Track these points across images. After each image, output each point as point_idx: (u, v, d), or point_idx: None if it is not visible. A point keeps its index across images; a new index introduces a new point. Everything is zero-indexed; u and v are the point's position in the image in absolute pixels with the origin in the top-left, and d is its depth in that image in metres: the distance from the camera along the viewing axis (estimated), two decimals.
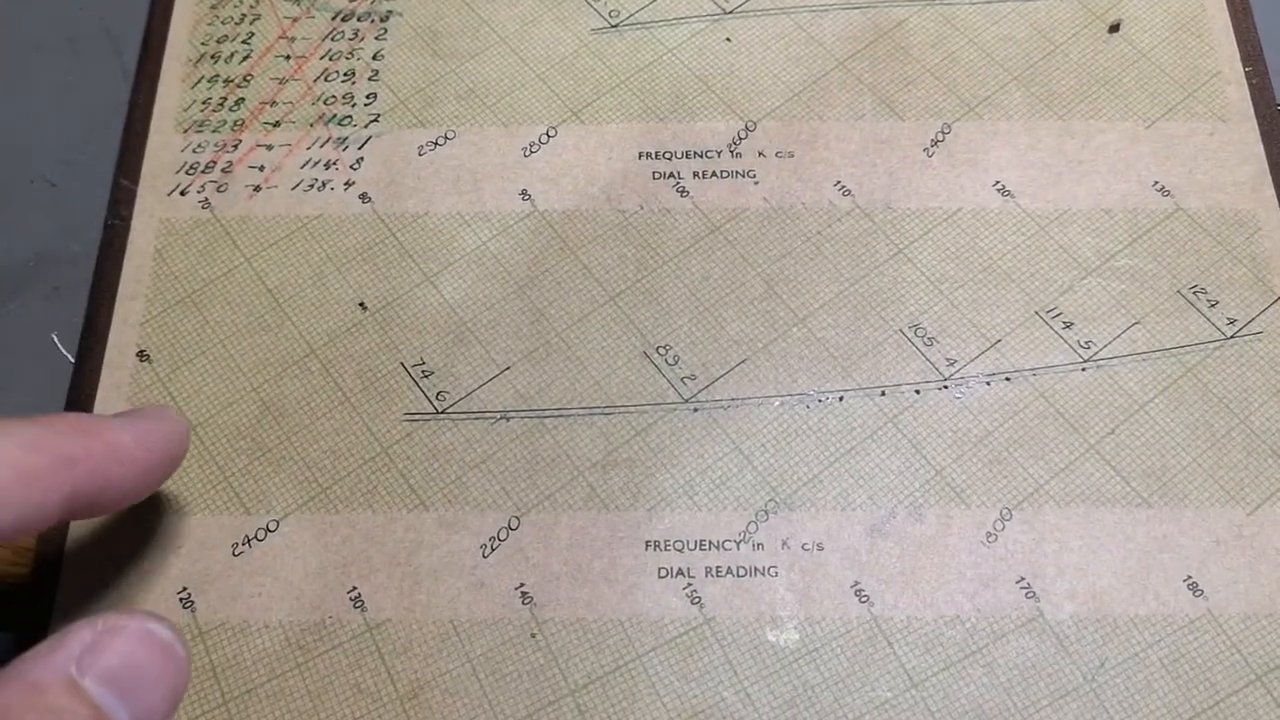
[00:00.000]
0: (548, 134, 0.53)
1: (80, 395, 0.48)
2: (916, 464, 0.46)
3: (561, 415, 0.47)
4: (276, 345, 0.49)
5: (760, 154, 0.52)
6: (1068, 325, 0.48)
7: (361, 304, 0.49)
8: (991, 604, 0.43)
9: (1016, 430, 0.46)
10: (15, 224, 0.53)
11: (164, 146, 0.53)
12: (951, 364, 0.47)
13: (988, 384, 0.47)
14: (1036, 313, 0.48)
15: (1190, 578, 0.43)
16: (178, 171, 0.52)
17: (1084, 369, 0.47)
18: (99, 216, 0.52)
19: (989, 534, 0.44)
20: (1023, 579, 0.44)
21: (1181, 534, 0.44)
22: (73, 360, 0.49)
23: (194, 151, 0.53)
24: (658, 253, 0.50)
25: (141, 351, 0.49)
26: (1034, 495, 0.45)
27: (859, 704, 0.42)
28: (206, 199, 0.52)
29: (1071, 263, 0.49)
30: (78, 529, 0.45)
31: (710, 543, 0.45)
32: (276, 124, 0.53)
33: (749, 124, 0.52)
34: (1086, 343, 0.47)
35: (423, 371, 0.48)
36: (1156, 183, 0.50)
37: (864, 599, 0.44)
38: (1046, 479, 0.45)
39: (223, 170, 0.52)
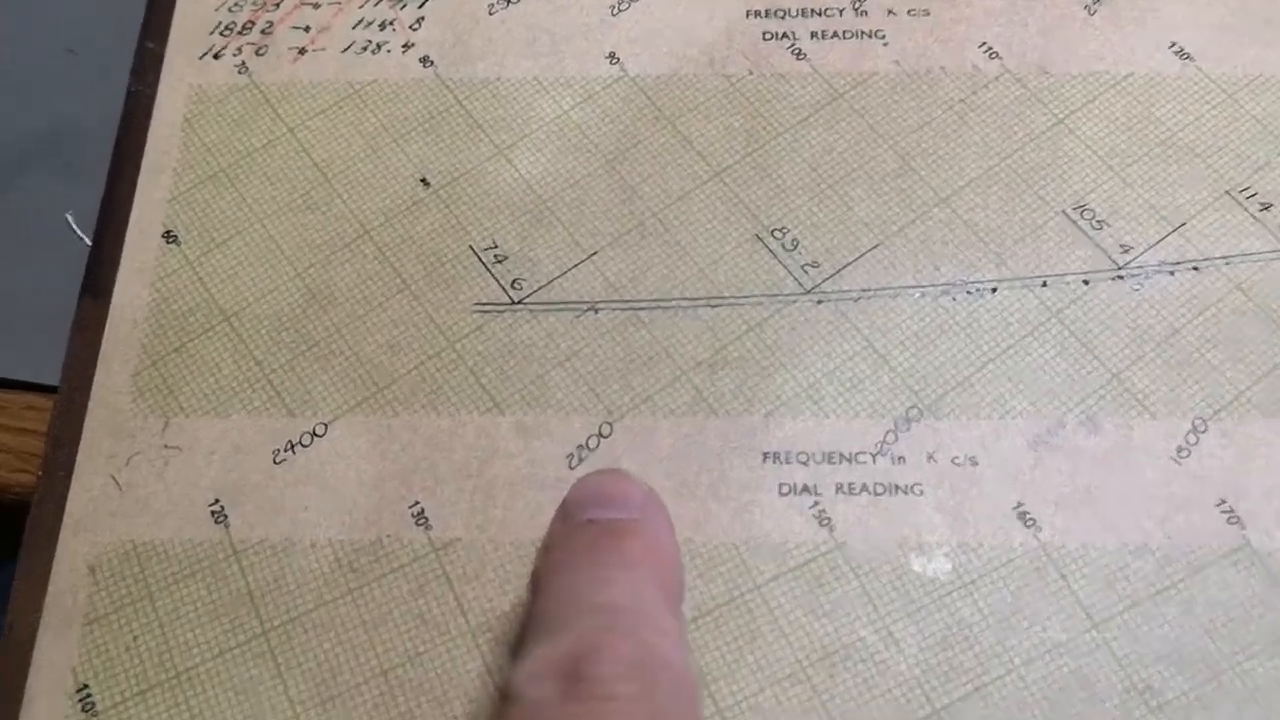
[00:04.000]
0: None
1: (98, 282, 0.44)
2: (1088, 366, 0.39)
3: (660, 307, 0.42)
4: (324, 226, 0.45)
5: (890, 12, 0.46)
6: (1265, 207, 0.41)
7: (423, 180, 0.45)
8: (1186, 531, 0.37)
9: (1209, 328, 0.40)
10: (26, 92, 0.52)
11: (196, 4, 0.49)
12: (1126, 251, 0.41)
13: (1171, 274, 0.40)
14: (1227, 192, 0.42)
15: None
16: (211, 32, 0.49)
17: None
18: (121, 83, 0.48)
19: (1180, 448, 0.38)
20: (1224, 502, 0.37)
21: None
22: (89, 242, 0.46)
23: (229, 10, 0.49)
24: (771, 123, 0.44)
25: (168, 232, 0.45)
26: (1234, 404, 0.38)
27: (1027, 646, 0.36)
28: (244, 63, 0.48)
29: (1268, 135, 0.42)
30: (92, 429, 0.41)
31: (841, 455, 0.39)
32: None
33: None
34: None
35: (495, 256, 0.43)
36: None
37: (1029, 523, 0.37)
38: (1248, 385, 0.39)
39: (262, 31, 0.49)
